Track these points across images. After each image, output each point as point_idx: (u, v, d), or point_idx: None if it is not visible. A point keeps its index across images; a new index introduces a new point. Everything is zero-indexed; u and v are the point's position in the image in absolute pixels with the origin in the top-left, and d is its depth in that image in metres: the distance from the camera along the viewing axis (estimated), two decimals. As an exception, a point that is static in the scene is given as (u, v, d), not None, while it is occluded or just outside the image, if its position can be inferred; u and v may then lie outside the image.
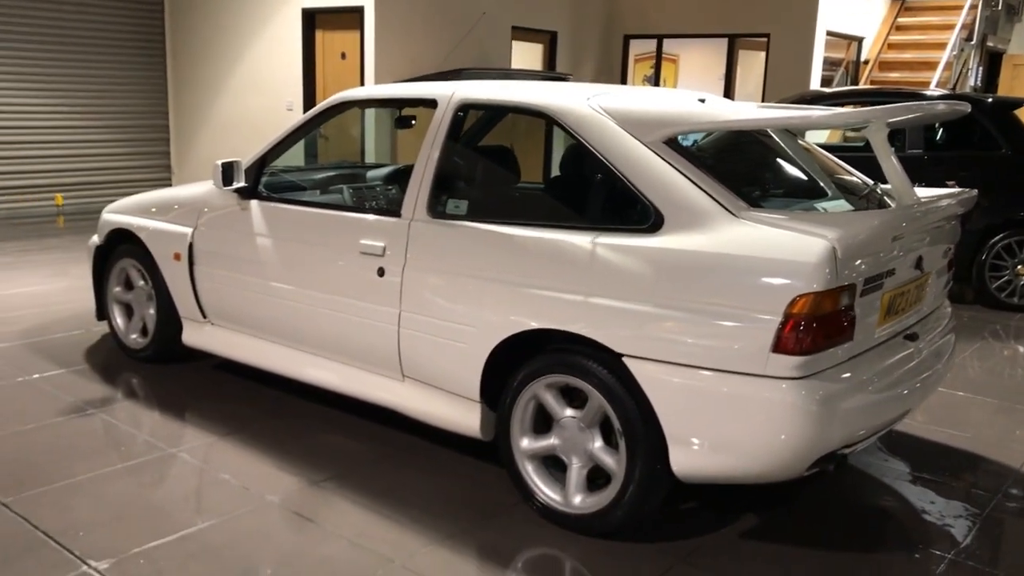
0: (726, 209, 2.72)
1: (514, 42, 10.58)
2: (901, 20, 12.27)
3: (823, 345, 2.56)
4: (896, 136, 6.74)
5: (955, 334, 3.44)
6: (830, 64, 11.24)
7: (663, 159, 2.86)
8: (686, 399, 2.67)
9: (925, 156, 6.57)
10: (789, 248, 2.54)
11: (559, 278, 2.90)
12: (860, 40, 11.81)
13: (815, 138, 7.88)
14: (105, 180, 10.50)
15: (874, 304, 2.78)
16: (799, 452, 2.57)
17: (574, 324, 2.86)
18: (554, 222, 3.00)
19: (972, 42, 11.43)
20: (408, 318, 3.33)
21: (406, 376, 3.45)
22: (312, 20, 9.37)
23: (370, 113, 8.98)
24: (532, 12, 10.74)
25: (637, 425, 2.78)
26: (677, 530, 3.03)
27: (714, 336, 2.61)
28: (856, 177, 3.53)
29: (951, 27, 11.26)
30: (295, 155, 4.36)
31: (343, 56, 9.21)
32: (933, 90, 9.29)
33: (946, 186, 6.34)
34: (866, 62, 11.86)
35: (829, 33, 10.86)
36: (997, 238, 6.45)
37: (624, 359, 2.77)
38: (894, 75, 11.56)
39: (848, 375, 2.67)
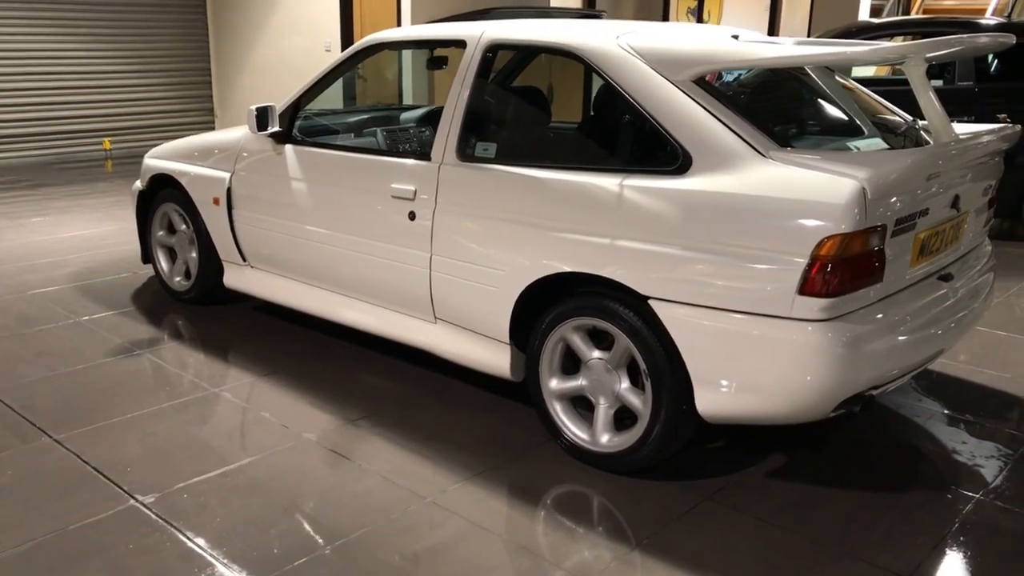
0: (755, 149, 2.68)
1: (553, -21, 10.36)
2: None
3: (851, 287, 2.54)
4: (947, 68, 6.52)
5: (994, 273, 3.38)
6: (881, -6, 10.83)
7: (692, 98, 2.82)
8: (712, 341, 2.68)
9: (976, 88, 6.35)
10: (817, 189, 2.51)
11: (587, 221, 2.90)
12: (914, -32, 11.33)
13: (862, 73, 7.64)
14: (151, 124, 10.65)
15: (906, 245, 2.74)
16: (825, 393, 2.57)
17: (601, 267, 2.87)
18: (583, 164, 2.99)
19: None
20: (439, 261, 3.37)
21: (438, 318, 3.50)
22: (349, -41, 9.28)
23: (407, 54, 8.92)
24: (572, -55, 10.48)
25: (663, 367, 2.80)
26: (703, 469, 3.07)
27: (740, 278, 2.60)
28: (896, 115, 3.44)
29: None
30: (334, 97, 4.38)
31: (380, -5, 9.13)
32: (989, 18, 8.90)
33: (997, 119, 6.15)
34: (919, -8, 11.39)
35: (881, -39, 10.43)
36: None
37: (650, 302, 2.78)
38: (948, 2, 11.09)
39: (877, 316, 2.65)
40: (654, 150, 2.88)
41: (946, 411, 3.57)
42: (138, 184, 4.91)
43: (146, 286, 5.14)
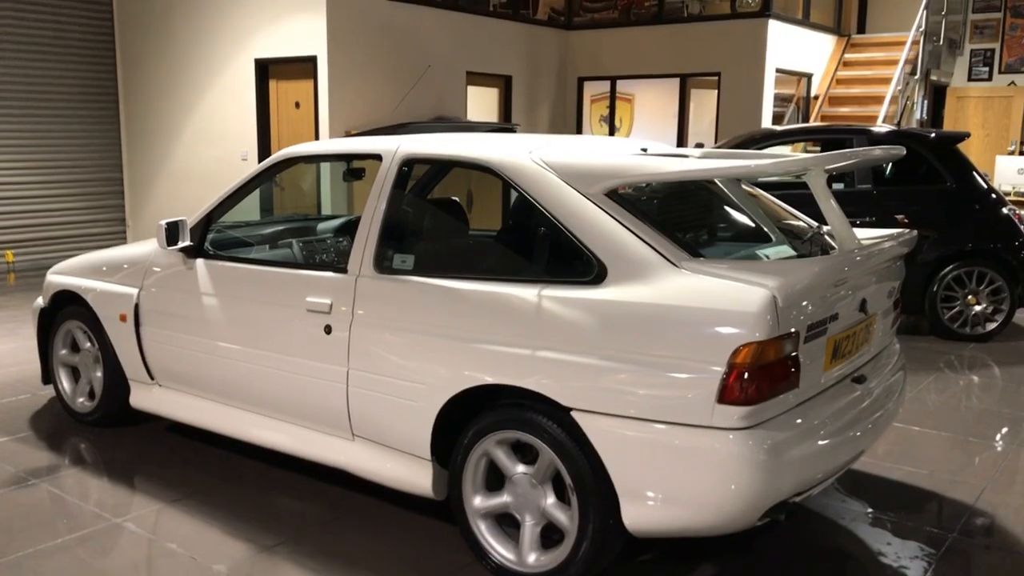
0: (667, 260, 2.73)
1: (469, 87, 10.66)
2: (848, 56, 12.57)
3: (768, 394, 2.56)
4: (846, 173, 6.86)
5: (904, 371, 3.46)
6: (781, 100, 11.46)
7: (604, 210, 2.87)
8: (635, 452, 2.65)
9: (874, 191, 6.68)
10: (730, 298, 2.55)
11: (506, 332, 2.88)
12: (809, 76, 12.06)
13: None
14: (58, 235, 10.34)
15: (819, 349, 2.79)
16: (750, 503, 2.55)
17: (523, 378, 2.83)
18: (501, 276, 2.99)
19: (916, 76, 11.72)
20: (356, 376, 3.29)
21: (356, 435, 3.39)
22: (265, 71, 9.38)
23: (324, 164, 8.96)
24: (486, 58, 10.84)
25: (588, 480, 2.74)
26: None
27: (660, 387, 2.60)
28: (801, 221, 3.57)
29: (895, 62, 11.54)
30: (249, 208, 4.32)
31: (297, 105, 9.21)
32: (880, 125, 9.48)
33: (895, 220, 6.47)
34: (816, 97, 12.10)
35: (778, 70, 11.08)
36: (947, 269, 6.55)
37: (572, 413, 2.75)
38: (844, 110, 11.80)
39: (796, 422, 2.67)
40: (570, 261, 2.90)
41: (869, 511, 3.59)
42: (40, 301, 4.71)
43: (46, 408, 4.86)
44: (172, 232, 3.86)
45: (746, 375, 2.50)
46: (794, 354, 2.63)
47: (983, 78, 12.73)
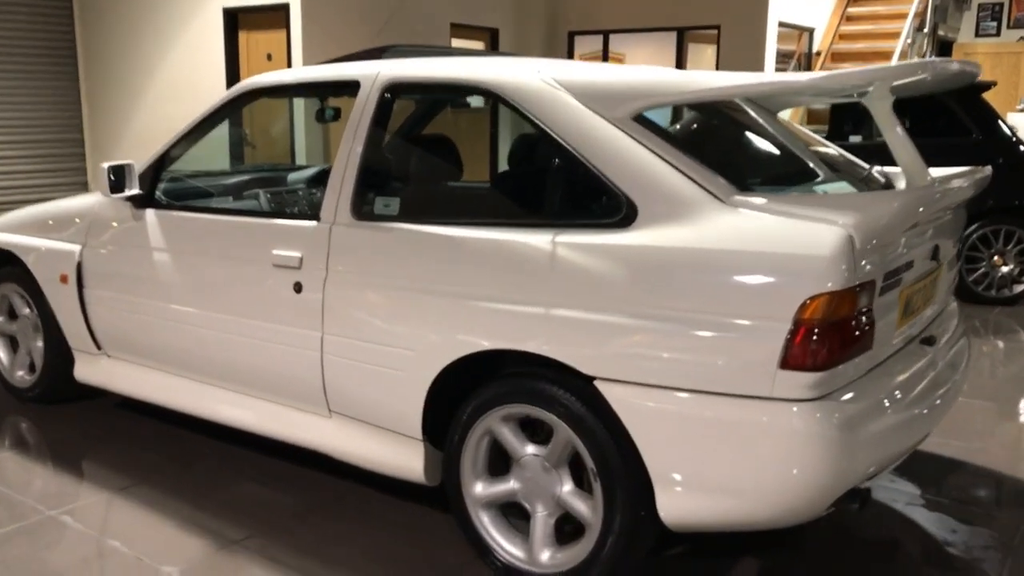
0: (713, 195, 2.22)
1: (454, 40, 10.07)
2: (851, 11, 12.03)
3: (840, 357, 2.07)
4: (862, 124, 6.37)
5: (968, 337, 2.99)
6: (782, 57, 10.93)
7: (633, 138, 2.36)
8: (674, 430, 2.16)
9: (893, 143, 6.19)
10: (795, 239, 2.05)
11: (513, 287, 2.37)
12: (811, 31, 11.54)
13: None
14: (16, 200, 9.69)
15: (892, 304, 2.31)
16: (818, 489, 2.07)
17: (533, 342, 2.33)
18: (505, 220, 2.48)
19: (923, 31, 11.23)
20: (333, 342, 2.78)
21: (333, 411, 2.89)
22: (234, 20, 8.74)
23: (298, 109, 8.36)
24: (472, 8, 10.24)
25: (614, 463, 2.26)
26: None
27: (705, 351, 2.11)
28: (848, 158, 3.07)
29: (900, 16, 11.03)
30: (211, 160, 3.78)
31: (269, 58, 8.59)
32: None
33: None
34: (818, 53, 11.59)
35: (781, 24, 10.54)
36: (972, 228, 6.10)
37: (596, 383, 2.25)
38: (847, 65, 11.30)
39: (869, 391, 2.19)
40: (591, 200, 2.39)
41: (925, 493, 3.13)
42: (-27, 262, 4.14)
43: (-15, 383, 4.32)
44: (117, 177, 3.31)
45: (816, 334, 2.02)
46: (869, 308, 2.14)
47: (991, 33, 12.24)
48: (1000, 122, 6.17)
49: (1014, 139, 6.13)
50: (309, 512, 2.96)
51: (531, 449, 2.46)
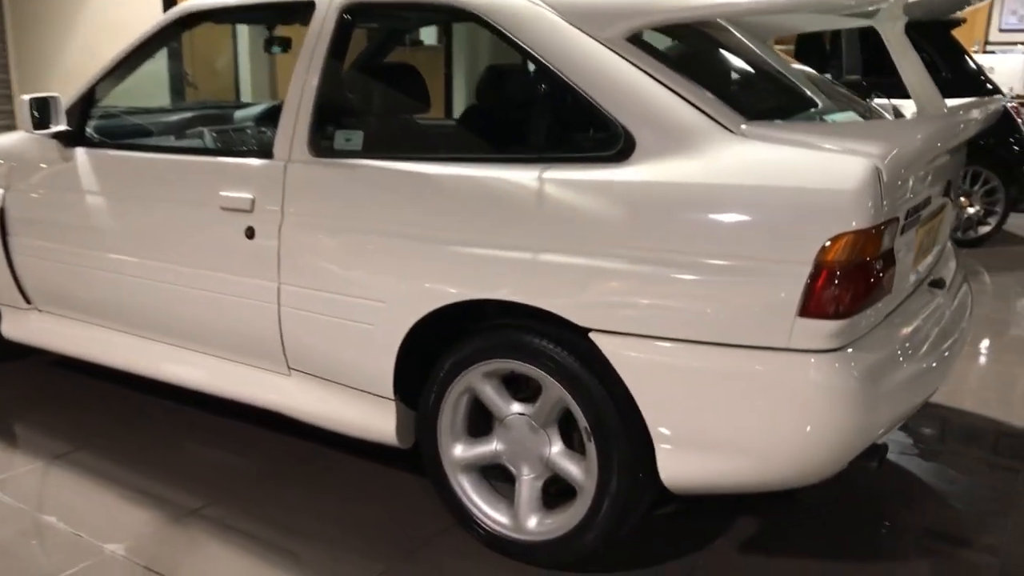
0: (720, 124, 1.99)
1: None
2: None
3: (863, 302, 1.88)
4: (832, 61, 6.19)
5: (969, 283, 2.82)
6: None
7: (629, 61, 2.10)
8: (679, 386, 1.96)
9: (863, 82, 6.02)
10: (818, 172, 1.83)
11: (497, 230, 2.13)
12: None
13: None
14: (-63, 145, 9.06)
15: (910, 243, 2.13)
16: (838, 447, 1.90)
17: (521, 292, 2.09)
18: (485, 155, 2.22)
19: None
20: (291, 293, 2.51)
21: (293, 369, 2.63)
22: (171, -50, 8.17)
23: (242, 42, 7.86)
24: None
25: (612, 423, 2.05)
26: (661, 549, 2.34)
27: (714, 299, 1.90)
28: (843, 89, 2.87)
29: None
30: (152, 101, 3.44)
31: (209, -9, 8.05)
32: None
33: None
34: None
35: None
36: (941, 168, 5.98)
37: (592, 335, 2.03)
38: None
39: (887, 339, 2.01)
40: (582, 132, 2.16)
41: (922, 443, 3.01)
42: None
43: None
44: (41, 112, 2.96)
45: (839, 277, 1.81)
46: (891, 249, 1.95)
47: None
48: (968, 59, 6.04)
49: (981, 76, 6.01)
50: (272, 478, 2.72)
51: (516, 408, 2.24)
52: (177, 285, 2.77)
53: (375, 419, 2.47)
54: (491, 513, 2.30)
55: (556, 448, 2.21)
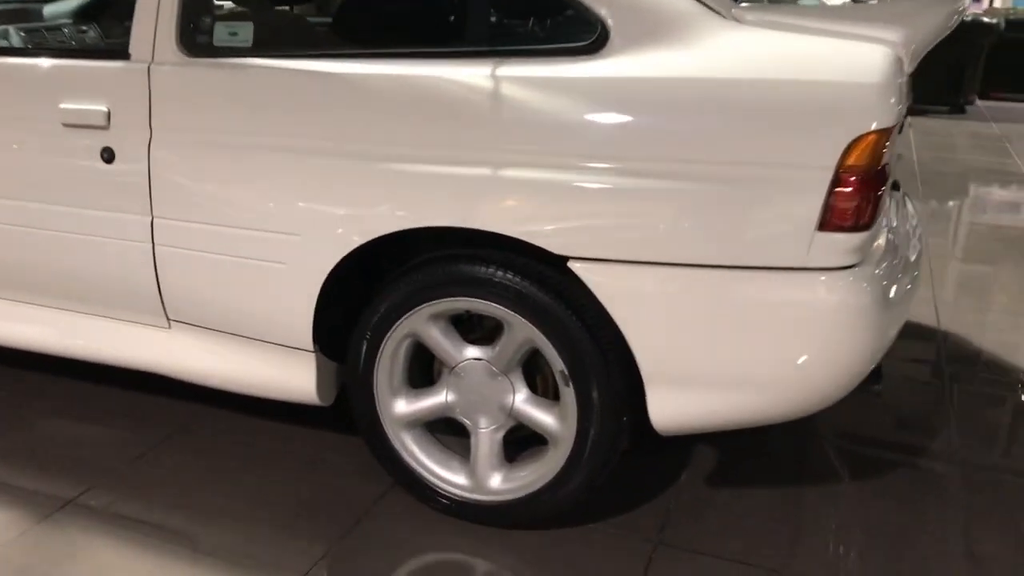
0: (709, 7, 1.69)
1: None
2: None
3: (879, 212, 1.68)
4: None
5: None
6: None
7: (594, -69, 1.75)
8: (675, 318, 1.70)
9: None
10: (834, 63, 1.58)
11: (446, 141, 1.75)
12: None
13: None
14: None
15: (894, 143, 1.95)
16: (853, 370, 1.71)
17: (481, 216, 1.74)
18: (424, 48, 1.81)
19: None
20: (169, 228, 2.03)
21: (174, 321, 2.16)
22: None
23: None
24: None
25: (593, 363, 1.77)
26: (621, 498, 2.12)
27: (718, 215, 1.63)
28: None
29: None
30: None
31: None
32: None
33: None
34: None
35: None
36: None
37: (571, 264, 1.72)
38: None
39: (884, 253, 1.84)
40: (546, 19, 1.79)
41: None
42: None
43: None
44: None
45: (861, 184, 1.60)
46: (892, 151, 1.75)
47: None
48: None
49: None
50: (166, 450, 2.27)
51: (472, 352, 1.91)
52: (18, 226, 2.19)
53: (288, 375, 2.07)
54: (444, 474, 1.99)
55: (521, 395, 1.91)
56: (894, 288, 1.79)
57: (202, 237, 2.00)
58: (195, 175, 1.97)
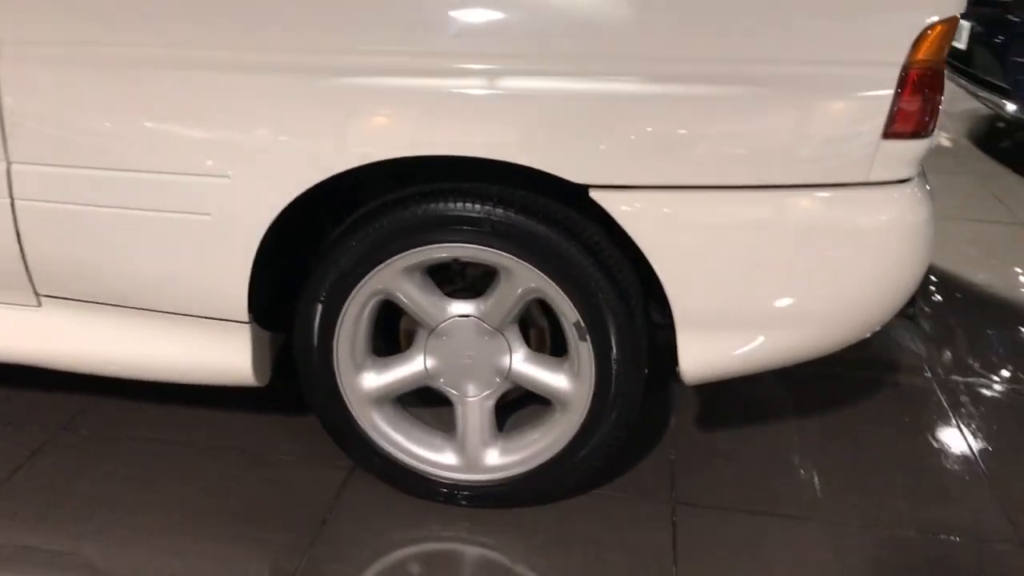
0: None
1: None
2: None
3: (937, 115, 1.47)
4: None
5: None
6: None
7: None
8: (719, 249, 1.43)
9: None
10: (899, -65, 1.33)
11: (424, 46, 1.36)
12: None
13: None
14: None
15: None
16: (903, 292, 1.53)
17: (477, 141, 1.38)
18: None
19: None
20: (31, 176, 1.52)
21: (44, 296, 1.67)
22: None
23: None
24: None
25: (615, 312, 1.49)
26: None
27: (766, 127, 1.36)
28: None
29: None
30: None
31: None
32: None
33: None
34: None
35: None
36: None
37: (594, 193, 1.41)
38: None
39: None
40: None
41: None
42: None
43: None
44: None
45: (928, 82, 1.37)
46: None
47: None
48: None
49: None
50: (48, 444, 1.78)
51: (458, 308, 1.57)
52: None
53: (211, 354, 1.65)
54: (429, 456, 1.66)
55: (520, 354, 1.60)
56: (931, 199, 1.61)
57: (81, 186, 1.51)
58: (67, 102, 1.47)
